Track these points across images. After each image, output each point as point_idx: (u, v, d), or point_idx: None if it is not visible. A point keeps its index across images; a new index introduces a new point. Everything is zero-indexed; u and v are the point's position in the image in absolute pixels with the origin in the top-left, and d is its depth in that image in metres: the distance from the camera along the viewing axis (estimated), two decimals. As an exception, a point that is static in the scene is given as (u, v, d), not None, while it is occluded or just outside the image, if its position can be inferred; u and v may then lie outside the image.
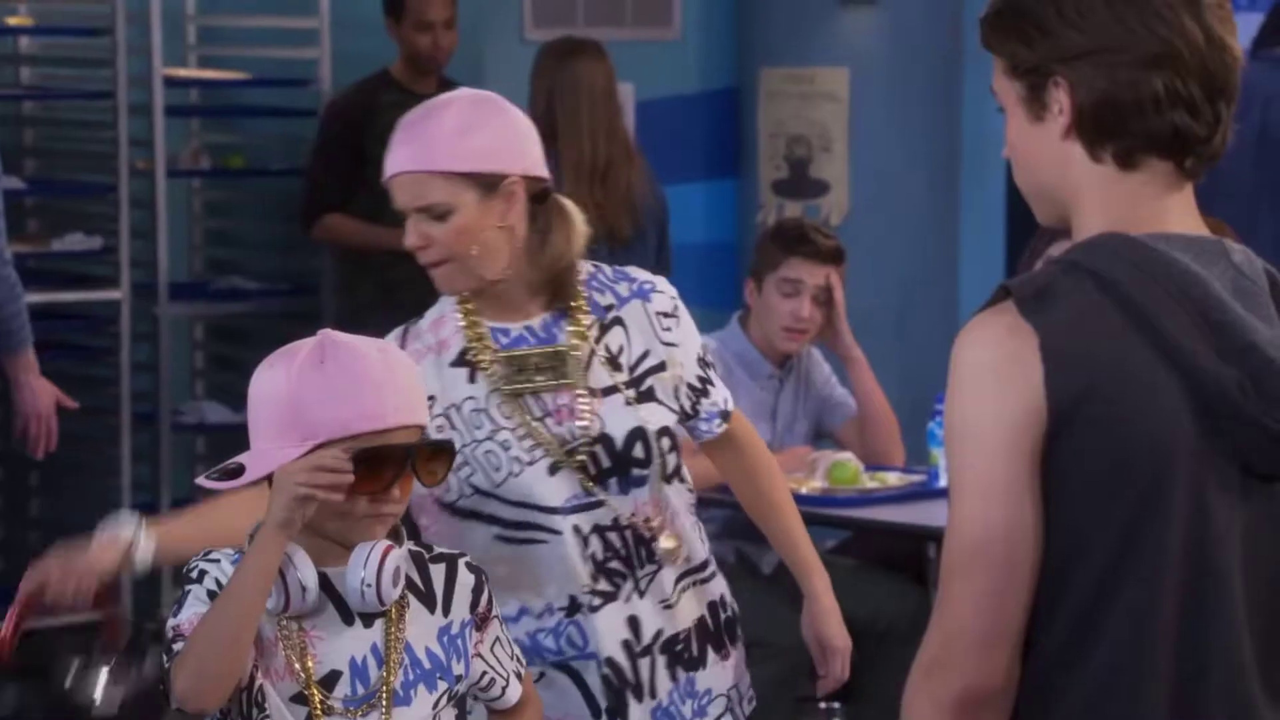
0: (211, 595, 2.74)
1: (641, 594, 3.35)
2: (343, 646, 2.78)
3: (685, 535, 3.39)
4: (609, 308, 3.34)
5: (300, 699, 2.76)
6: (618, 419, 3.30)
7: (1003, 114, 2.26)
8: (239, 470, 2.76)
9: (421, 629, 2.83)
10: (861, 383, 5.37)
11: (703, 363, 3.39)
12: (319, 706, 2.76)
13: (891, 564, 5.37)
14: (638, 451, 3.31)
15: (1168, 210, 2.22)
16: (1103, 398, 2.13)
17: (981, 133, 6.90)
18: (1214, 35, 2.19)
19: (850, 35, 7.22)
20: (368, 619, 2.79)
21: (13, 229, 6.65)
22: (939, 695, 2.13)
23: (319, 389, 2.73)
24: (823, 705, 5.47)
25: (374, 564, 2.74)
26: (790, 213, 7.21)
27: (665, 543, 3.35)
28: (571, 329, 3.32)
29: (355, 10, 7.06)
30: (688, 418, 3.39)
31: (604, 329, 3.33)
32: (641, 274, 3.38)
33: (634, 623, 3.35)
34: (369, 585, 2.75)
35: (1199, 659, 2.16)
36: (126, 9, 6.56)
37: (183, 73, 7.02)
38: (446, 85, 6.69)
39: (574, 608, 3.33)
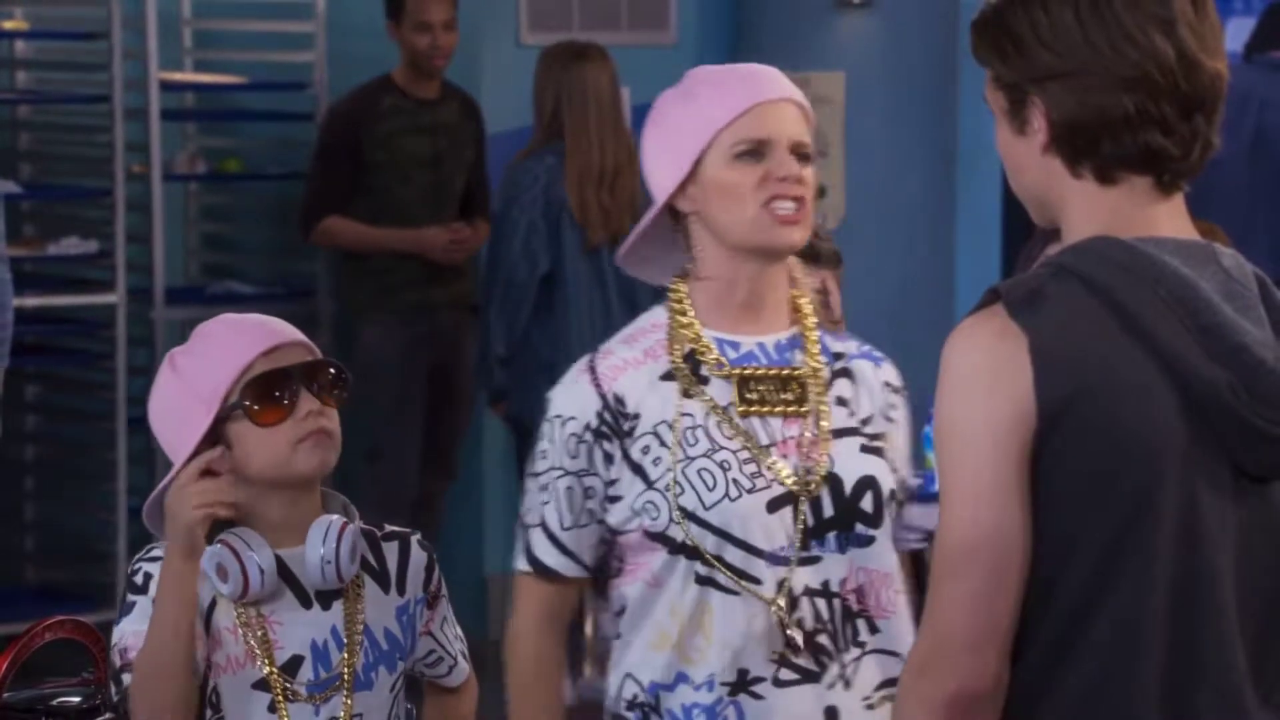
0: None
1: (848, 684, 2.83)
2: (303, 630, 2.80)
3: (893, 634, 2.86)
4: (839, 355, 2.91)
5: (263, 685, 2.77)
6: (849, 462, 2.85)
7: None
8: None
9: (379, 609, 2.84)
10: (857, 387, 5.36)
11: (909, 473, 2.96)
12: (282, 692, 2.77)
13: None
14: (866, 504, 2.84)
15: (1156, 216, 2.22)
16: (1092, 400, 2.13)
17: (977, 137, 6.90)
18: (1187, 53, 2.18)
19: (846, 39, 7.22)
20: (326, 600, 2.80)
21: (8, 233, 6.61)
22: (930, 697, 2.13)
23: (198, 357, 2.82)
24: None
25: (332, 540, 2.76)
26: (786, 217, 7.21)
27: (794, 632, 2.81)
28: (808, 356, 2.89)
29: (351, 14, 7.06)
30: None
31: (834, 375, 2.90)
32: (865, 344, 2.98)
33: (831, 716, 2.82)
34: (329, 562, 2.76)
35: (1190, 661, 2.16)
36: (122, 13, 6.56)
37: (179, 77, 7.02)
38: (448, 90, 6.71)
39: (742, 684, 2.80)
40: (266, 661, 2.77)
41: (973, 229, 7.09)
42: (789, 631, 2.79)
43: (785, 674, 2.80)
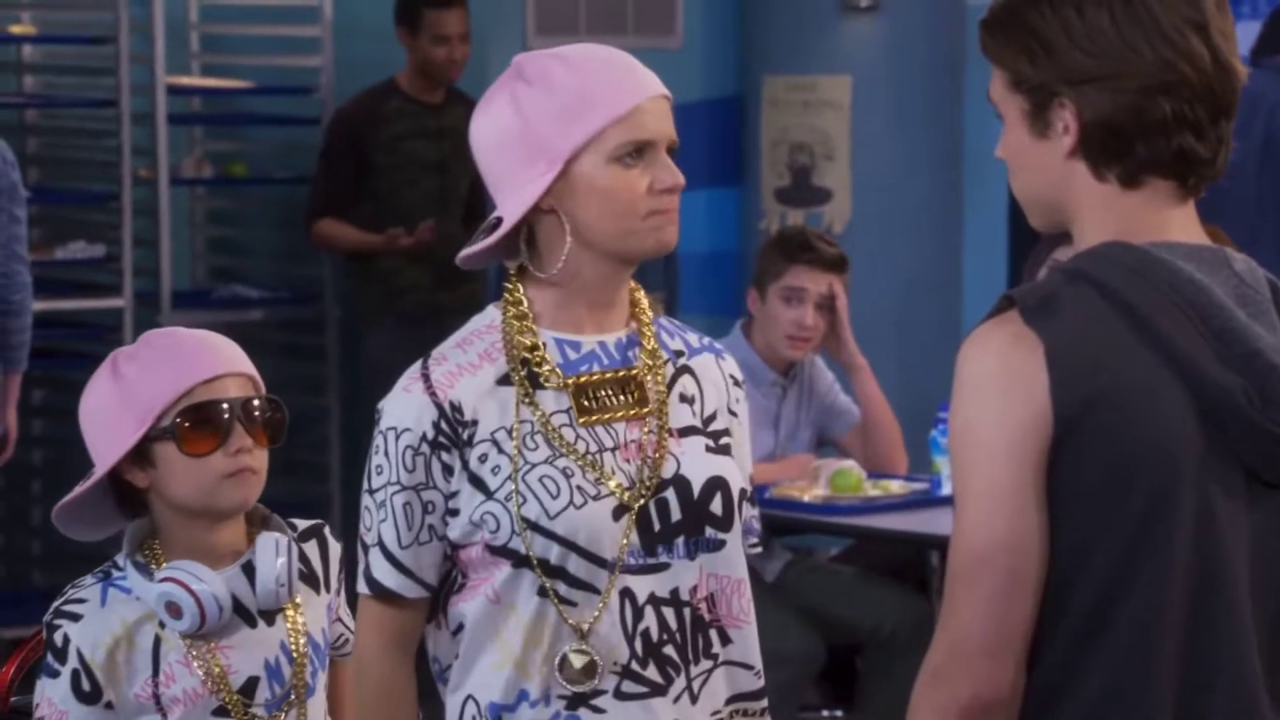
0: (76, 686, 2.73)
1: (694, 697, 2.69)
2: (254, 651, 2.79)
3: (746, 645, 2.73)
4: (679, 353, 2.77)
5: (222, 711, 2.77)
6: (696, 463, 2.70)
7: (1000, 120, 2.25)
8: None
9: (315, 613, 2.85)
10: (865, 390, 5.37)
11: (750, 469, 2.82)
12: (243, 716, 2.77)
13: (894, 572, 5.37)
14: (715, 506, 2.69)
15: (1169, 221, 2.22)
16: (1108, 406, 2.12)
17: (983, 140, 6.89)
18: (1220, 57, 2.18)
19: (852, 43, 7.22)
20: (270, 616, 2.80)
21: (16, 237, 6.68)
22: (944, 704, 2.13)
23: (140, 368, 2.77)
24: (825, 713, 5.47)
25: (284, 561, 2.76)
26: (793, 221, 7.21)
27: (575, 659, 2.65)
28: (645, 353, 2.74)
29: (358, 18, 7.07)
30: None
31: (676, 372, 2.76)
32: (705, 336, 2.85)
33: None
34: (283, 584, 2.76)
35: (1205, 667, 2.15)
36: (129, 17, 6.57)
37: (185, 81, 7.03)
38: (454, 95, 6.72)
39: (580, 698, 2.66)
40: (224, 689, 2.77)
41: (979, 232, 7.09)
42: (570, 654, 2.63)
43: (629, 686, 2.65)
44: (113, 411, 2.77)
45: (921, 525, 5.03)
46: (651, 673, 2.66)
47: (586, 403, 2.68)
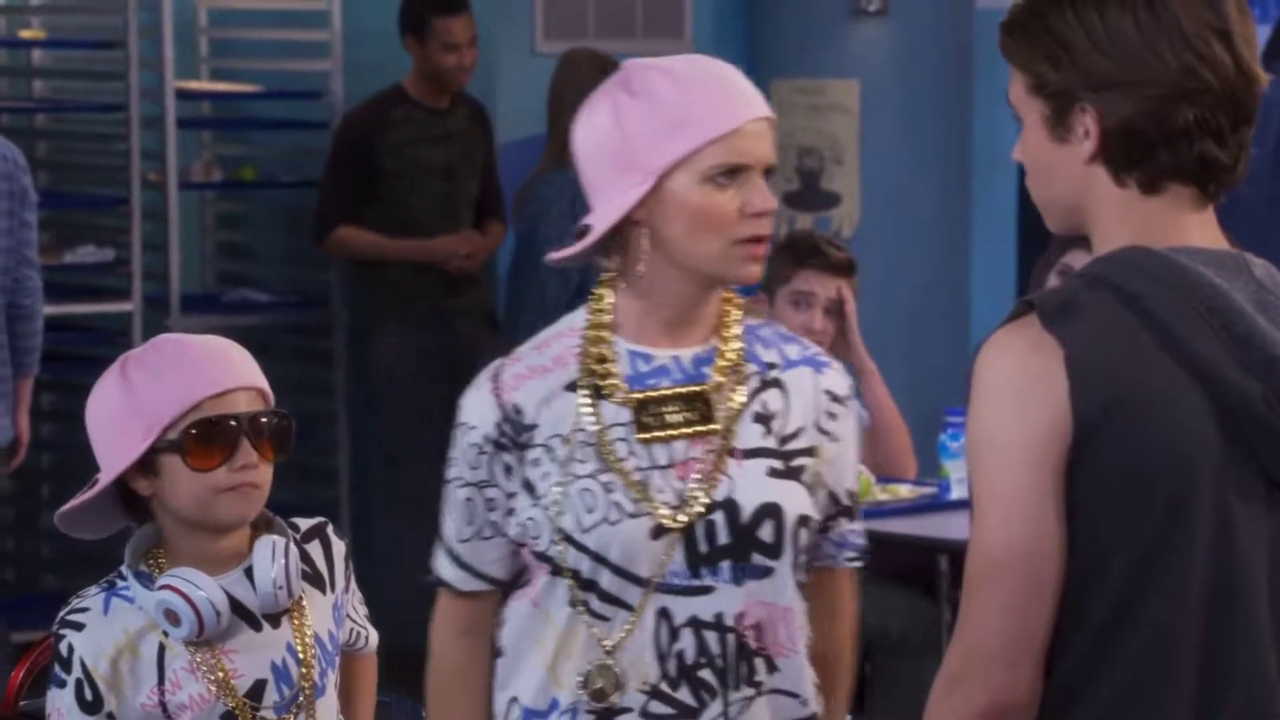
0: (79, 696, 2.73)
1: None
2: (260, 654, 2.78)
3: (794, 673, 2.70)
4: (770, 365, 2.72)
5: (230, 716, 2.76)
6: (753, 487, 2.66)
7: (1017, 122, 2.24)
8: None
9: (320, 613, 2.85)
10: (873, 395, 5.36)
11: (853, 483, 2.78)
12: (252, 719, 2.77)
13: (902, 576, 5.36)
14: (765, 533, 2.65)
15: (1189, 226, 2.20)
16: (1127, 411, 2.11)
17: (992, 144, 6.90)
18: (1243, 63, 2.17)
19: (861, 47, 7.23)
20: (274, 619, 2.80)
21: (25, 242, 6.69)
22: (962, 710, 2.12)
23: (149, 376, 2.75)
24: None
25: (280, 563, 2.75)
26: (801, 225, 7.22)
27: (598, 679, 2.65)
28: (719, 371, 2.70)
29: (367, 23, 7.07)
30: (818, 530, 2.74)
31: (764, 385, 2.71)
32: (814, 345, 2.79)
33: None
34: (281, 587, 2.75)
35: (1222, 674, 2.14)
36: (139, 22, 6.58)
37: (194, 85, 7.04)
38: (460, 99, 6.73)
39: (608, 713, 2.66)
40: (230, 694, 2.76)
41: (988, 236, 7.09)
42: (595, 671, 2.63)
43: (656, 706, 2.63)
44: (120, 419, 2.76)
45: (930, 530, 5.03)
46: (683, 694, 2.64)
47: (647, 419, 2.66)
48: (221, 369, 2.76)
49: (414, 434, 6.56)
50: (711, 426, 2.66)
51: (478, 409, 2.70)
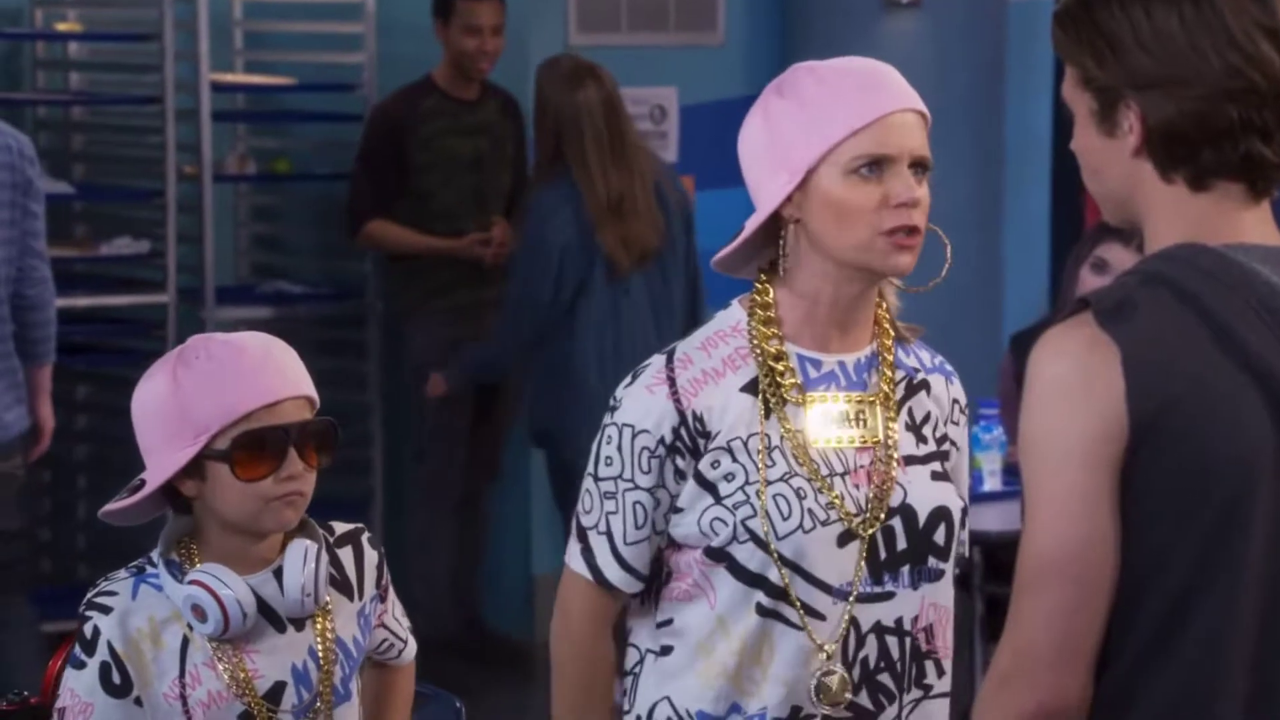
0: (105, 678, 2.71)
1: None
2: (282, 656, 2.77)
3: (951, 675, 2.75)
4: (916, 369, 2.77)
5: (247, 717, 2.75)
6: (923, 492, 2.70)
7: (1071, 115, 2.22)
8: (142, 486, 2.75)
9: (345, 619, 2.83)
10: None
11: (965, 492, 2.80)
12: None
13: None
14: (939, 536, 2.69)
15: (1242, 223, 2.17)
16: (1184, 411, 2.09)
17: (1025, 138, 6.90)
18: None
19: (893, 41, 7.23)
20: (299, 622, 2.79)
21: (61, 233, 6.72)
22: (1010, 711, 2.10)
23: (199, 381, 2.71)
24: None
25: (311, 572, 2.74)
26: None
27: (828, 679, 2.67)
28: (882, 378, 2.73)
29: (400, 16, 7.09)
30: None
31: (911, 389, 2.75)
32: (938, 354, 2.84)
33: None
34: (309, 594, 2.74)
35: (1275, 677, 2.12)
36: (174, 15, 6.60)
37: (229, 78, 7.06)
38: (489, 91, 6.73)
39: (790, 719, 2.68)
40: (249, 694, 2.75)
41: (1021, 230, 7.09)
42: (824, 678, 2.65)
43: (837, 711, 2.67)
44: (168, 422, 2.73)
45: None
46: (863, 699, 2.66)
47: (821, 427, 2.67)
48: (272, 379, 2.73)
49: (441, 427, 6.57)
50: (877, 437, 2.69)
51: (652, 412, 2.69)
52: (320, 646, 2.80)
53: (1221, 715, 2.11)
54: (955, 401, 2.78)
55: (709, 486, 2.68)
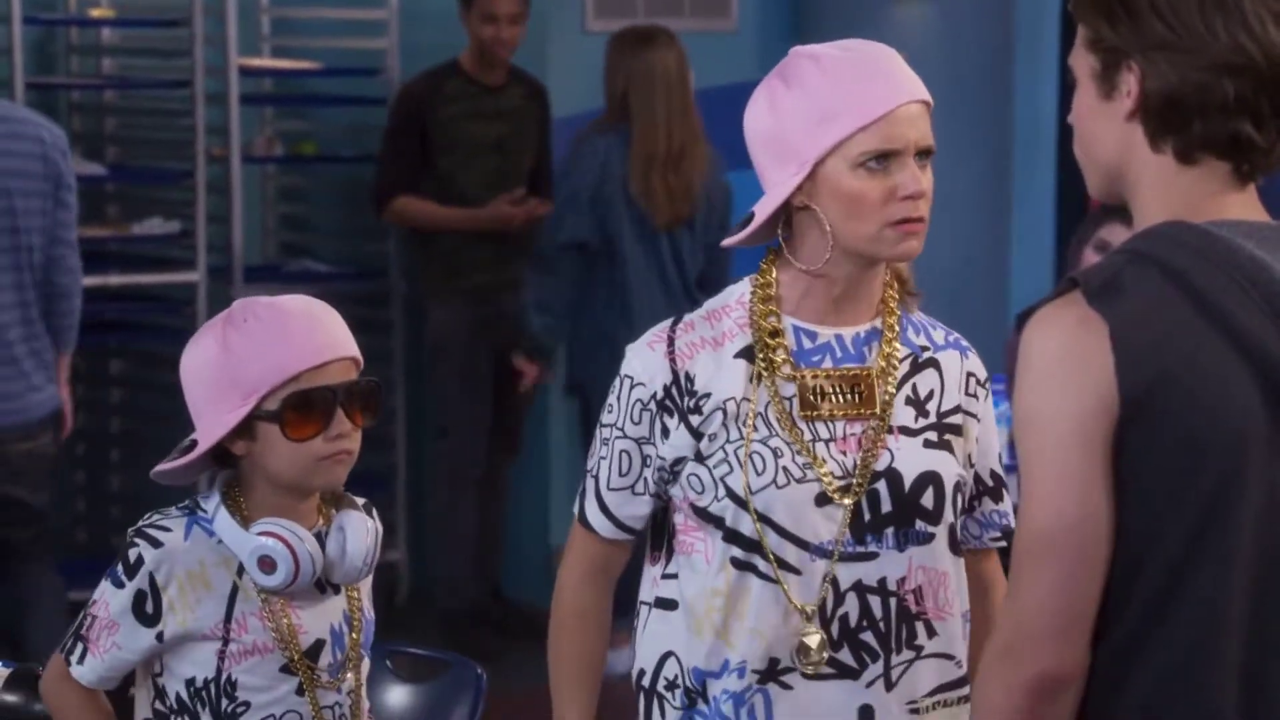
0: (138, 604, 2.74)
1: (891, 685, 2.70)
2: (322, 616, 2.83)
3: (950, 636, 2.74)
4: (924, 348, 2.79)
5: (288, 670, 2.80)
6: (911, 457, 2.71)
7: (1074, 85, 2.25)
8: (192, 446, 2.79)
9: (366, 586, 2.92)
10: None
11: (1000, 462, 2.83)
12: (308, 676, 2.81)
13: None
14: (927, 500, 2.70)
15: (1228, 202, 2.19)
16: (1174, 387, 2.09)
17: (1033, 123, 6.97)
18: None
19: (903, 26, 7.29)
20: (335, 586, 2.86)
21: (94, 214, 6.85)
22: (1011, 682, 2.12)
23: (248, 344, 2.74)
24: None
25: (372, 541, 2.80)
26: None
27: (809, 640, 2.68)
28: (882, 353, 2.75)
29: (424, 2, 7.14)
30: (963, 511, 2.79)
31: (916, 367, 2.77)
32: (954, 331, 2.86)
33: (866, 715, 2.70)
34: (368, 564, 2.81)
35: (1270, 644, 2.14)
36: (204, 1, 6.66)
37: (257, 63, 7.12)
38: (514, 77, 6.79)
39: (771, 673, 2.70)
40: (293, 647, 2.79)
41: (1028, 211, 7.16)
42: (804, 638, 2.66)
43: (815, 669, 2.68)
44: (218, 384, 2.75)
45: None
46: (844, 656, 2.68)
47: (811, 397, 2.69)
48: (320, 340, 2.76)
49: (463, 404, 6.62)
50: (871, 409, 2.70)
51: (648, 367, 2.74)
52: (352, 610, 2.87)
53: (1216, 685, 2.13)
54: (971, 375, 2.79)
55: (695, 448, 2.72)
